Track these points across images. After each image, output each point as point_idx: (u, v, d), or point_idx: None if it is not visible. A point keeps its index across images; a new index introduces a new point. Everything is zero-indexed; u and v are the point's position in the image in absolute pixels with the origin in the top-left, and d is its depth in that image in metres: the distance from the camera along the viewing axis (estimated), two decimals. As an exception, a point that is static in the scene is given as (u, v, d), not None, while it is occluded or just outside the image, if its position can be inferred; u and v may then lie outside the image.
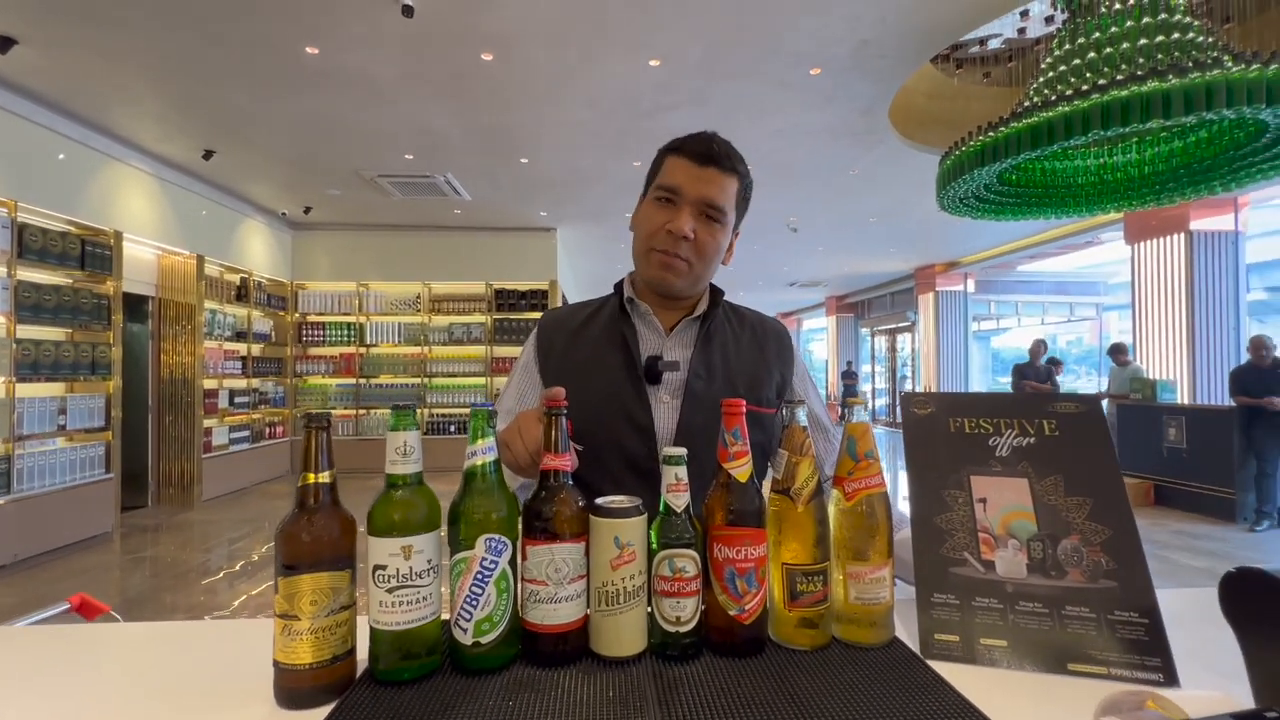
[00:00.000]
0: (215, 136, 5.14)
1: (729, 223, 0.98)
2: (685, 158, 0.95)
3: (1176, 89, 3.09)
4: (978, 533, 0.70)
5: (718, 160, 0.94)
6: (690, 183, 0.94)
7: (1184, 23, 3.58)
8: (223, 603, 3.50)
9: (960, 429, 0.76)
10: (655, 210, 0.96)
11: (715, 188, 0.94)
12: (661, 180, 0.96)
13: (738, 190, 0.97)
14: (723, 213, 0.95)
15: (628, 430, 0.94)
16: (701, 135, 0.97)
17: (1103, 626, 0.63)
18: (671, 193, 0.94)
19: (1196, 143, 4.16)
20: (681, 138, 0.98)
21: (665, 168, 0.97)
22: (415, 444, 0.62)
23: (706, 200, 0.94)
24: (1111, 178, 4.62)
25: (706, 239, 0.95)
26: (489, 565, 0.62)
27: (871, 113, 4.73)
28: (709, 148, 0.94)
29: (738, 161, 0.97)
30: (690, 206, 0.94)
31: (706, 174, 0.93)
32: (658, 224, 0.95)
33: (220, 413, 6.47)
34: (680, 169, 0.95)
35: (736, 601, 0.65)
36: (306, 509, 0.58)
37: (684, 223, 0.93)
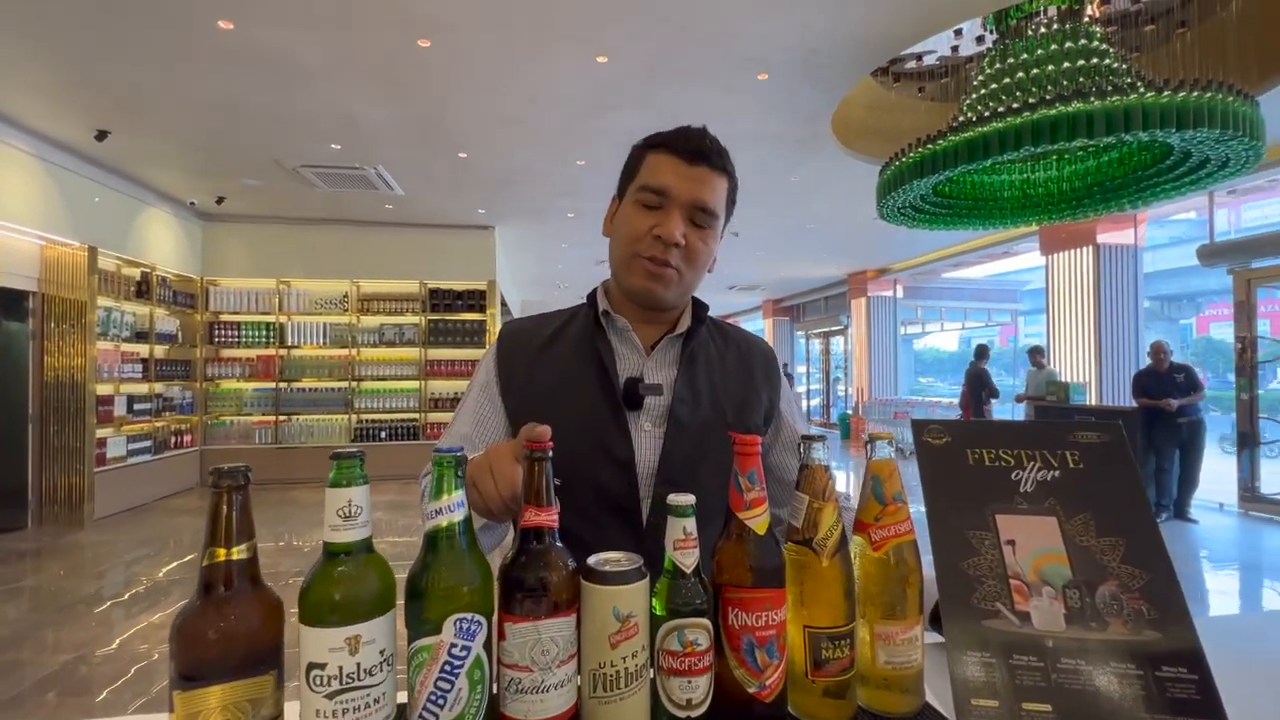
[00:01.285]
0: (112, 115, 4.62)
1: (720, 227, 0.89)
2: (672, 155, 0.85)
3: (1099, 110, 3.27)
4: (1009, 579, 0.63)
5: (709, 158, 0.84)
6: (679, 183, 0.83)
7: (1101, 49, 3.81)
8: (115, 636, 3.12)
9: (980, 461, 0.69)
10: (639, 214, 0.85)
11: (707, 188, 0.84)
12: (646, 180, 0.85)
13: (727, 192, 0.89)
14: (715, 216, 0.86)
15: (605, 464, 0.83)
16: (690, 130, 0.87)
17: (1150, 685, 0.57)
18: (659, 194, 0.84)
19: (1109, 162, 4.45)
20: (665, 132, 0.88)
21: (648, 166, 0.86)
22: (363, 502, 0.49)
23: (698, 203, 0.84)
24: (1034, 193, 4.88)
25: (698, 245, 0.85)
26: (460, 653, 0.49)
27: (815, 121, 4.80)
28: (700, 144, 0.84)
29: (728, 160, 0.88)
30: (680, 210, 0.84)
31: (697, 173, 0.84)
32: (643, 229, 0.84)
33: (117, 421, 5.85)
34: (667, 167, 0.84)
35: (756, 677, 0.55)
36: (215, 598, 0.44)
37: (674, 227, 0.82)
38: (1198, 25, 4.11)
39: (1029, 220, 5.06)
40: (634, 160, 0.90)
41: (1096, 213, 4.82)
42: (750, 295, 14.84)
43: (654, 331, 0.92)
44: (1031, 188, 4.92)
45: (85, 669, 2.78)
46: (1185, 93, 3.24)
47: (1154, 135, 3.28)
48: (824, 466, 0.60)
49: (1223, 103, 3.24)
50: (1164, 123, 3.24)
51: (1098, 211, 4.80)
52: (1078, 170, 4.66)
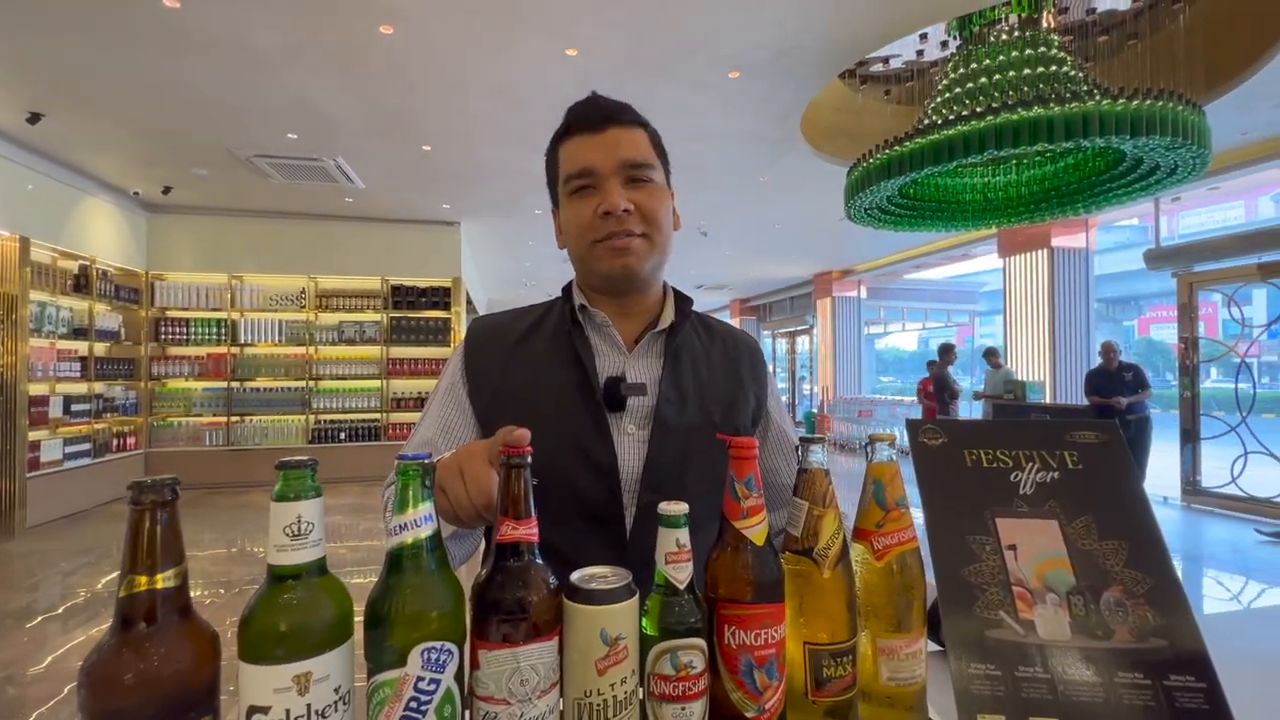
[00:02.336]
0: (46, 98, 4.32)
1: (660, 178, 0.84)
2: (577, 135, 0.81)
3: (1058, 116, 3.35)
4: (1011, 586, 0.60)
5: (614, 117, 0.81)
6: (599, 154, 0.79)
7: (1059, 57, 3.92)
8: (47, 653, 2.91)
9: (978, 463, 0.67)
10: (579, 204, 0.81)
11: (626, 145, 0.80)
12: (569, 170, 0.81)
13: (650, 141, 0.84)
14: (650, 167, 0.82)
15: (584, 470, 0.77)
16: (583, 103, 0.83)
17: (1159, 695, 0.55)
18: (586, 175, 0.80)
19: (1065, 168, 4.60)
20: (567, 117, 0.84)
21: (564, 156, 0.83)
22: (314, 518, 0.43)
23: (626, 162, 0.79)
24: (994, 196, 5.01)
25: (648, 202, 0.81)
26: (428, 687, 0.43)
27: (785, 121, 4.82)
28: (597, 109, 0.81)
29: (634, 112, 0.84)
30: (613, 179, 0.79)
31: (609, 137, 0.80)
32: (589, 214, 0.80)
33: (52, 423, 5.50)
34: (579, 148, 0.81)
35: (755, 700, 0.51)
36: (134, 634, 0.37)
37: (616, 197, 0.78)
38: (1148, 37, 4.27)
39: (989, 223, 5.19)
40: (551, 161, 0.87)
41: (1052, 216, 4.98)
42: (718, 295, 14.92)
43: (635, 326, 0.87)
44: (992, 191, 5.05)
45: (14, 690, 2.59)
46: (1138, 101, 3.36)
47: (1109, 141, 3.39)
48: (824, 470, 0.57)
49: (1173, 111, 3.36)
50: (1119, 129, 3.34)
51: (1053, 215, 4.95)
52: (1035, 175, 4.80)
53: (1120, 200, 4.63)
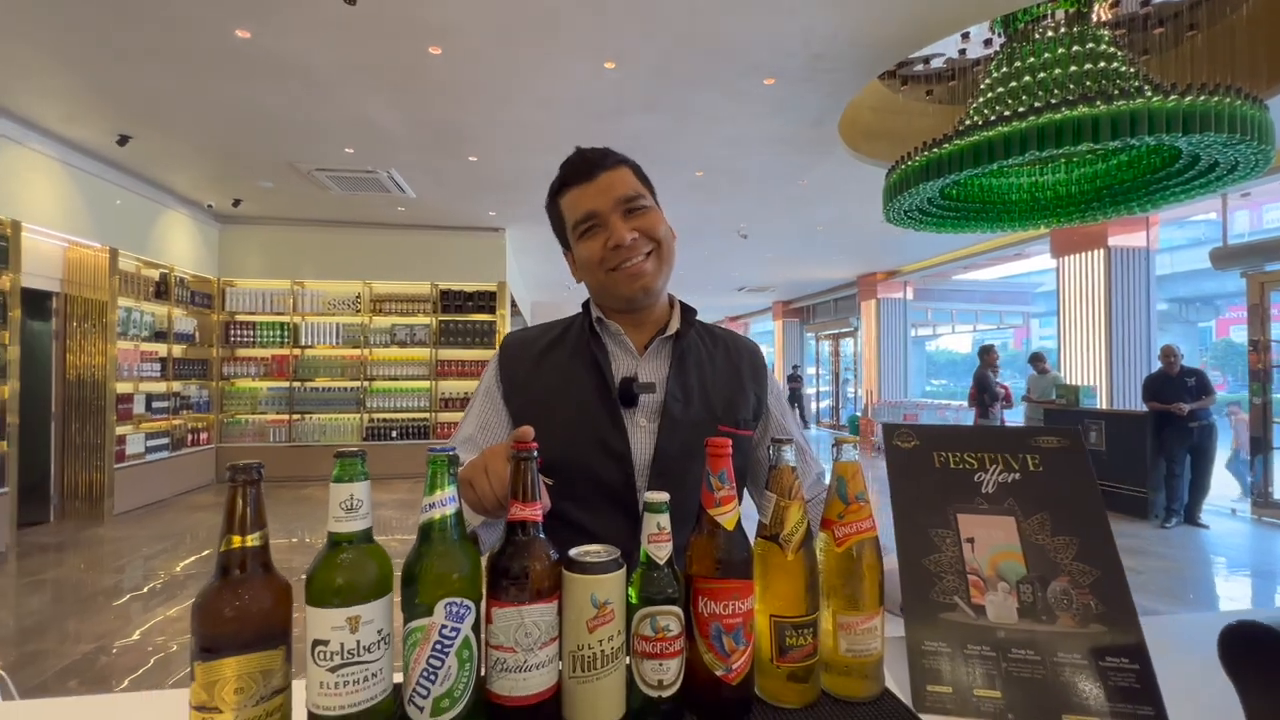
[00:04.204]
0: (133, 121, 4.74)
1: (652, 202, 0.96)
2: (575, 186, 0.94)
3: (1105, 115, 3.27)
4: (967, 575, 0.67)
5: (600, 165, 0.92)
6: (595, 199, 0.92)
7: (1109, 53, 3.80)
8: (134, 628, 3.21)
9: (945, 464, 0.74)
10: (589, 243, 0.93)
11: (619, 185, 0.92)
12: (574, 219, 0.94)
13: (634, 174, 0.96)
14: (642, 196, 0.94)
15: (602, 457, 0.89)
16: (572, 158, 0.95)
17: (1094, 674, 0.61)
18: (590, 219, 0.92)
19: (1118, 166, 4.44)
20: (560, 174, 0.97)
21: (567, 208, 0.95)
22: (364, 496, 0.54)
23: (620, 199, 0.92)
24: (1042, 196, 4.87)
25: (648, 225, 0.93)
26: (449, 634, 0.54)
27: (822, 124, 4.82)
28: (585, 163, 0.93)
29: (614, 154, 0.95)
30: (614, 215, 0.91)
31: (600, 182, 0.92)
32: (599, 249, 0.92)
33: (136, 418, 5.99)
34: (580, 197, 0.93)
35: (723, 660, 0.60)
36: (231, 579, 0.49)
37: (621, 231, 0.90)
38: (1207, 28, 4.09)
39: (1037, 223, 5.05)
40: (555, 213, 0.99)
41: (1105, 216, 4.80)
42: (760, 296, 14.84)
43: (645, 334, 0.98)
44: (1040, 191, 4.91)
45: (105, 659, 2.87)
46: (1192, 97, 3.24)
47: (1160, 140, 3.28)
48: (791, 468, 0.65)
49: (1230, 106, 3.23)
50: (1170, 127, 3.23)
51: (1107, 215, 4.78)
52: (1086, 173, 4.65)
53: (1179, 198, 4.44)
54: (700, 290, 13.47)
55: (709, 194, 6.51)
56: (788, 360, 15.54)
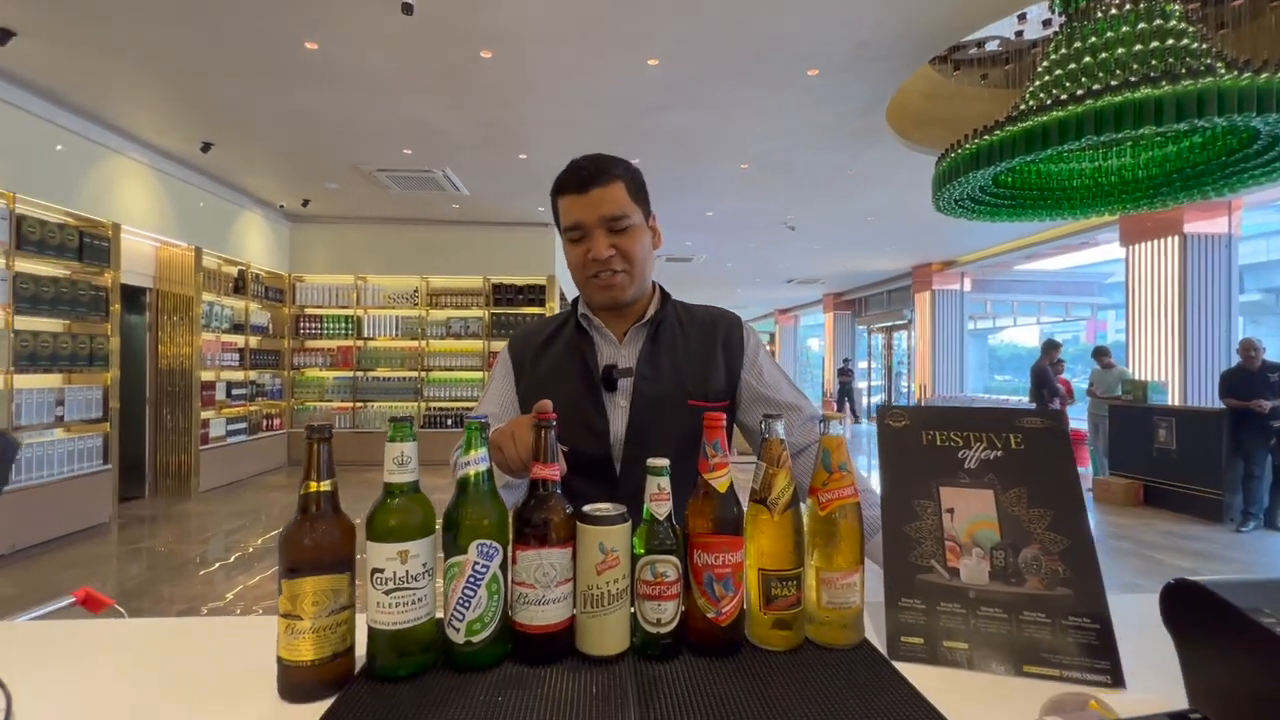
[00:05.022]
0: (214, 129, 5.14)
1: (637, 220, 1.03)
2: (568, 194, 1.02)
3: (1169, 96, 3.12)
4: (944, 541, 0.74)
5: (593, 180, 0.99)
6: (583, 212, 1.00)
7: (1179, 29, 3.60)
8: (219, 594, 3.54)
9: (932, 441, 0.80)
10: (574, 248, 1.04)
11: (606, 203, 1.00)
12: (564, 223, 1.04)
13: (627, 189, 1.02)
14: (625, 218, 1.01)
15: (586, 436, 1.02)
16: (571, 166, 1.02)
17: (1057, 631, 0.67)
18: (576, 229, 1.01)
19: (1190, 148, 4.20)
20: (559, 176, 1.04)
21: (560, 211, 1.04)
22: (412, 454, 0.66)
23: (605, 218, 1.00)
24: (1106, 181, 4.65)
25: (627, 246, 1.02)
26: (481, 569, 0.65)
27: (869, 113, 4.75)
28: (579, 175, 1.00)
29: (612, 167, 1.02)
30: (598, 230, 1.00)
31: (591, 198, 0.99)
32: (581, 257, 1.02)
33: (217, 405, 6.50)
34: (571, 206, 1.01)
35: (714, 605, 0.68)
36: (308, 515, 0.62)
37: (600, 248, 1.00)
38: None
39: (1101, 211, 4.82)
40: (554, 208, 1.08)
41: (1177, 201, 4.54)
42: (810, 289, 14.62)
43: (625, 323, 1.09)
44: (1103, 176, 4.68)
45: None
46: (1270, 73, 3.05)
47: (1231, 120, 3.11)
48: (779, 440, 0.73)
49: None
50: (1243, 107, 3.06)
51: (1178, 200, 4.52)
52: (1155, 157, 4.41)
53: (1259, 181, 4.16)
54: (748, 283, 13.38)
55: (755, 186, 6.50)
56: (838, 354, 15.27)
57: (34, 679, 0.67)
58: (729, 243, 9.34)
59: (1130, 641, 0.66)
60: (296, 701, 0.60)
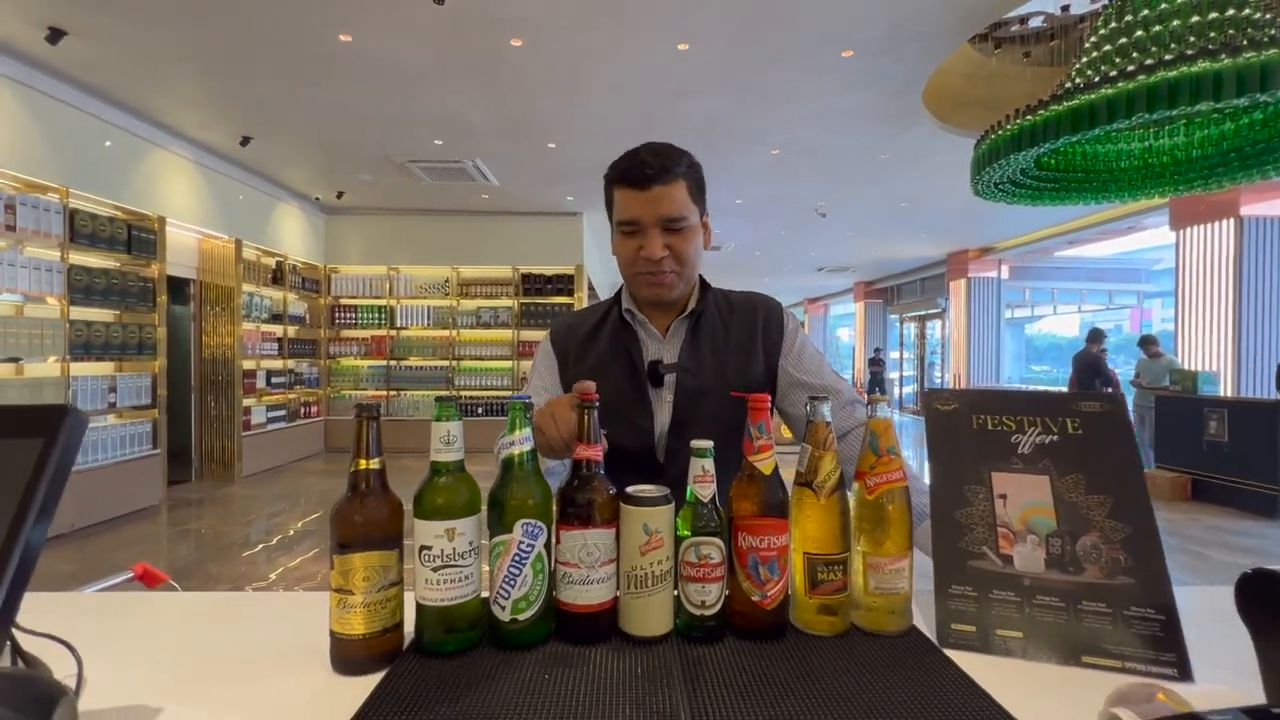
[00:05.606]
0: (252, 123, 5.26)
1: (694, 221, 1.01)
2: (627, 187, 0.98)
3: (1229, 69, 2.96)
4: (997, 527, 0.72)
5: (656, 178, 0.96)
6: (642, 209, 0.97)
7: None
8: (262, 574, 3.67)
9: (983, 426, 0.77)
10: (626, 242, 1.01)
11: (666, 203, 0.96)
12: (618, 216, 1.01)
13: (688, 189, 0.99)
14: (683, 219, 0.98)
15: (629, 432, 1.01)
16: (634, 157, 0.98)
17: (1118, 621, 0.64)
18: (632, 224, 0.99)
19: (1250, 125, 3.98)
20: (618, 164, 1.00)
21: (616, 202, 1.01)
22: (458, 433, 0.66)
23: (663, 219, 0.97)
24: (1157, 162, 4.45)
25: (681, 247, 0.99)
26: (526, 548, 0.66)
27: (905, 95, 4.62)
28: (642, 171, 0.96)
29: (675, 162, 0.98)
30: (653, 229, 0.98)
31: (652, 195, 0.96)
32: (633, 253, 1.00)
33: (258, 392, 6.70)
34: (629, 200, 0.98)
35: (759, 588, 0.68)
36: (358, 493, 0.63)
37: (654, 248, 0.97)
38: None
39: (1150, 193, 4.61)
40: (608, 194, 1.05)
41: (1234, 181, 4.32)
42: (841, 277, 14.38)
43: (668, 317, 1.08)
44: (1154, 156, 4.47)
45: (241, 597, 3.31)
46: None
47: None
48: (826, 423, 0.71)
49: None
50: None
51: (1235, 180, 4.30)
52: (1211, 135, 4.19)
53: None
54: (777, 271, 13.22)
55: (786, 172, 6.40)
56: (869, 343, 15.01)
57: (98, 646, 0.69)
58: (758, 231, 9.23)
59: (1190, 634, 0.63)
60: (348, 674, 0.62)
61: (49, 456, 0.46)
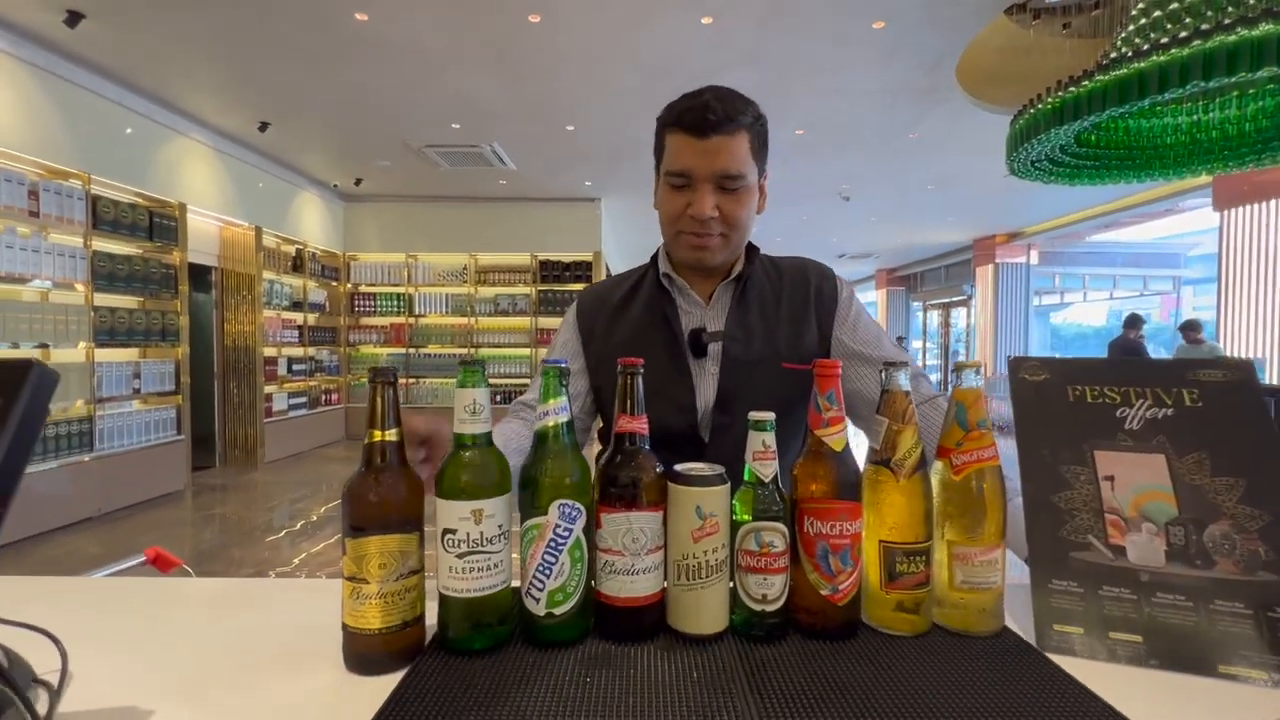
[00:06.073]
0: (270, 109, 5.23)
1: (751, 180, 0.90)
2: (685, 133, 0.87)
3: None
4: (1104, 514, 0.62)
5: (718, 126, 0.84)
6: (696, 160, 0.86)
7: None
8: (285, 559, 3.66)
9: (1081, 398, 0.67)
10: (672, 195, 0.90)
11: (725, 156, 0.85)
12: (670, 165, 0.90)
13: (750, 142, 0.88)
14: (740, 178, 0.87)
15: (669, 409, 0.92)
16: (696, 100, 0.87)
17: (1262, 626, 0.55)
18: (682, 176, 0.88)
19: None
20: (676, 105, 0.89)
21: (669, 148, 0.90)
22: (485, 402, 0.58)
23: (720, 174, 0.86)
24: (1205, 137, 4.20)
25: (733, 209, 0.89)
26: (563, 533, 0.57)
27: (937, 70, 4.44)
28: (704, 116, 0.84)
29: (741, 112, 0.86)
30: (706, 184, 0.87)
31: (711, 145, 0.85)
32: (679, 209, 0.90)
33: (280, 380, 6.73)
34: (684, 148, 0.87)
35: (829, 580, 0.59)
36: (373, 468, 0.55)
37: (704, 205, 0.87)
38: None
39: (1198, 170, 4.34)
40: (659, 139, 0.94)
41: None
42: (862, 264, 14.11)
43: (712, 283, 0.98)
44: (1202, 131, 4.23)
45: (263, 582, 3.30)
46: None
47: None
48: (904, 392, 0.62)
49: None
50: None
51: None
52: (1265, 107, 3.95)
53: (1391, 131, 3.69)
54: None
55: (810, 153, 6.22)
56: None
57: (93, 637, 0.63)
58: (778, 215, 9.04)
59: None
60: (363, 673, 0.54)
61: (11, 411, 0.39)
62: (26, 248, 3.92)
